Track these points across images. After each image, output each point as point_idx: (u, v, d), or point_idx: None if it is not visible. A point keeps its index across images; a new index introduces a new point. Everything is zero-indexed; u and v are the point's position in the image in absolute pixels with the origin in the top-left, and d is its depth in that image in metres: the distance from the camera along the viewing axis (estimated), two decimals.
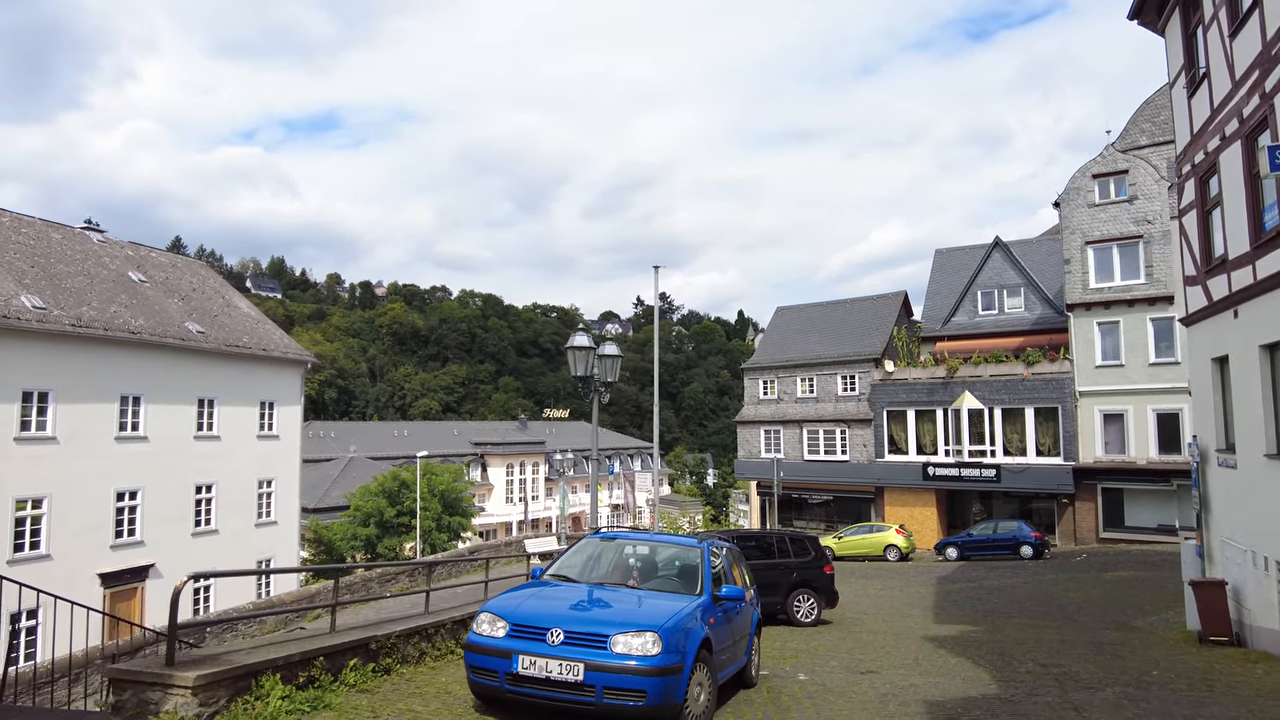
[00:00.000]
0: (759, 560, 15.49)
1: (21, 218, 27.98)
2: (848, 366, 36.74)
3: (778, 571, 15.30)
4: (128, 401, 25.86)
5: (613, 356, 12.76)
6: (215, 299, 32.38)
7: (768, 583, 15.09)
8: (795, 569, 15.40)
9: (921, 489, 34.04)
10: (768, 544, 16.00)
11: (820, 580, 15.50)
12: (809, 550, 15.82)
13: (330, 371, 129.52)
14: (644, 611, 6.60)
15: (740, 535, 16.16)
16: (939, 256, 41.77)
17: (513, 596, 6.93)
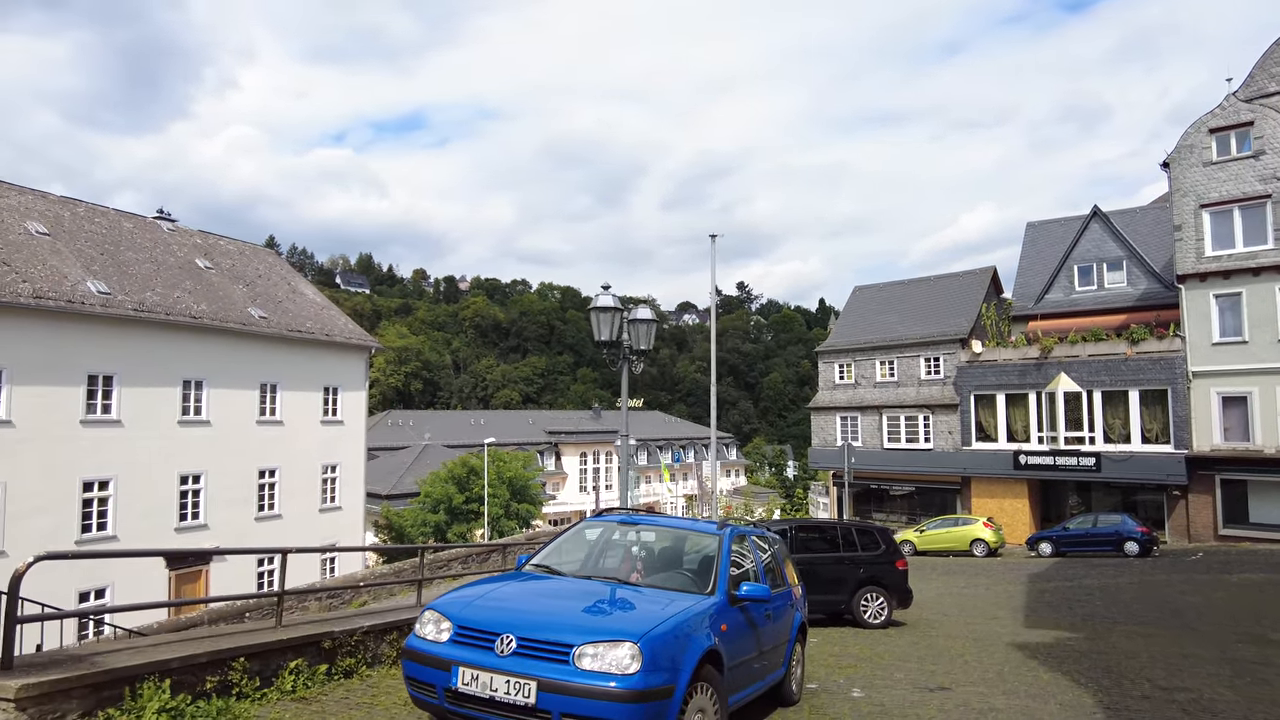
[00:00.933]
0: (822, 554, 13.77)
1: (95, 208, 28.39)
2: (931, 348, 34.13)
3: (843, 566, 13.54)
4: (190, 386, 25.84)
5: (646, 321, 11.23)
6: (281, 285, 32.33)
7: (832, 578, 13.38)
8: (863, 564, 13.60)
9: (1012, 479, 31.28)
10: (832, 536, 14.23)
11: (891, 577, 13.65)
12: (879, 543, 13.98)
13: (416, 364, 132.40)
14: (626, 614, 5.09)
15: (801, 526, 14.46)
16: (1031, 230, 38.57)
17: (468, 591, 5.51)
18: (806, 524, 15.01)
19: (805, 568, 13.37)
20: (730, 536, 6.58)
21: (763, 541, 7.91)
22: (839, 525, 14.45)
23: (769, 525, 14.95)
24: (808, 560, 13.50)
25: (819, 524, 15.74)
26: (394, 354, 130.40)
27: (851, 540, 13.92)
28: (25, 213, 25.13)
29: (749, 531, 7.53)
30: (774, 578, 7.39)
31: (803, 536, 13.85)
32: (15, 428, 21.28)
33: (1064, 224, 37.52)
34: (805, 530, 14.24)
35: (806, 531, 14.22)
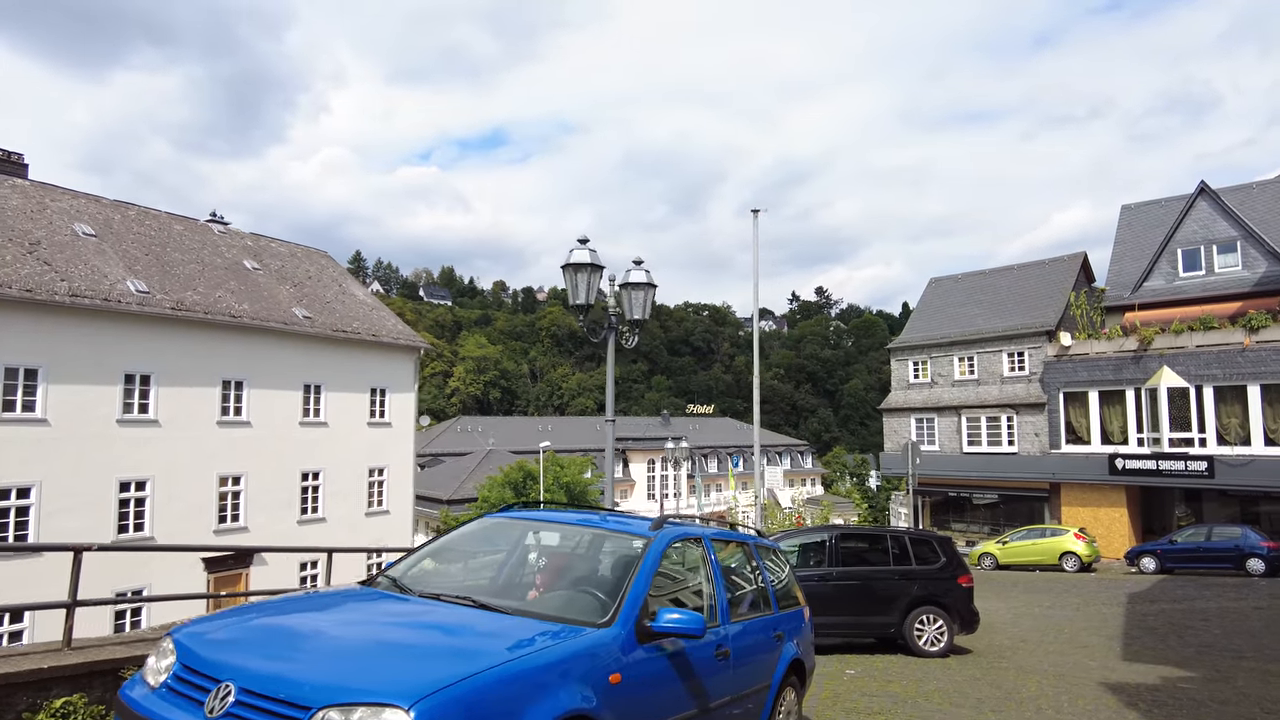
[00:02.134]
0: (869, 567, 11.55)
1: (148, 211, 28.31)
2: (1015, 341, 30.91)
3: (894, 582, 11.28)
4: (230, 386, 25.26)
5: (640, 286, 9.34)
6: (330, 286, 31.74)
7: (880, 596, 11.15)
8: (917, 579, 11.29)
9: (1108, 485, 27.82)
10: (882, 546, 11.96)
11: (953, 595, 11.30)
12: (938, 555, 11.63)
13: (494, 373, 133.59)
14: (425, 658, 3.18)
15: (844, 534, 12.22)
16: (1126, 213, 34.81)
17: (223, 617, 3.73)
18: (851, 531, 12.75)
19: (849, 583, 11.19)
20: (663, 542, 4.61)
21: (754, 551, 5.93)
22: (890, 534, 12.15)
23: (808, 532, 12.78)
24: (852, 575, 11.31)
25: (866, 532, 13.44)
26: (473, 363, 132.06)
27: (905, 552, 11.63)
28: (75, 215, 25.05)
29: (715, 535, 5.52)
30: (756, 600, 5.40)
31: (846, 547, 11.65)
32: (52, 427, 20.91)
33: (1164, 205, 33.69)
34: (849, 539, 12.01)
35: (851, 540, 11.99)
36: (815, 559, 11.57)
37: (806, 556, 11.65)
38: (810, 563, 11.55)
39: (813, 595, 11.31)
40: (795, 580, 6.69)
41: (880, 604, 11.11)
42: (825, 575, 11.15)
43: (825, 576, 11.14)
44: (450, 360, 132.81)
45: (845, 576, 11.19)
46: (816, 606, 11.26)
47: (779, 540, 11.91)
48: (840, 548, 11.48)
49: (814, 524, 27.17)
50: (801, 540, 11.97)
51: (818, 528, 13.10)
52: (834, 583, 11.10)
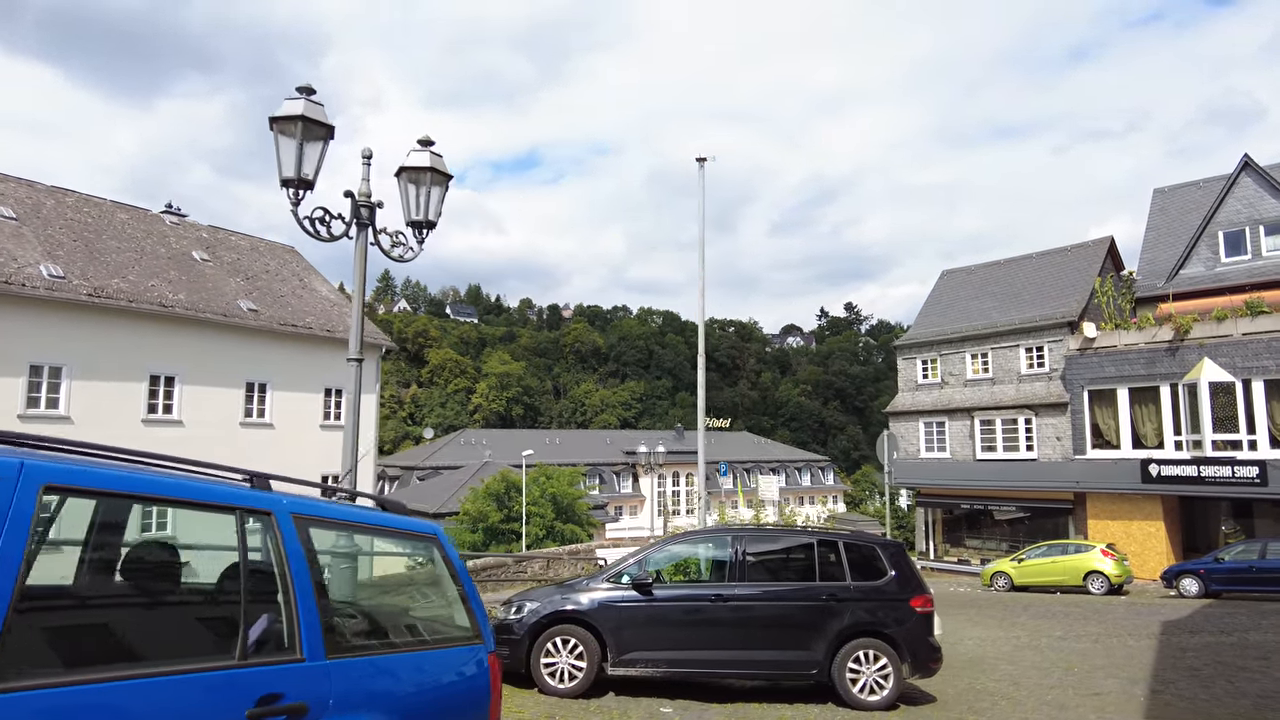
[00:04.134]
0: (783, 583, 8.42)
1: (89, 198, 26.25)
2: (1033, 335, 27.33)
3: (816, 605, 8.10)
4: (159, 381, 22.87)
5: (424, 173, 6.43)
6: (290, 281, 29.42)
7: (800, 625, 8.05)
8: (852, 601, 8.11)
9: (1140, 496, 24.06)
10: (802, 554, 8.73)
11: (902, 623, 8.09)
12: (883, 567, 8.41)
13: (517, 389, 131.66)
14: None
15: (752, 536, 8.98)
16: (1159, 198, 31.15)
17: None
18: (760, 533, 9.40)
19: (754, 606, 8.11)
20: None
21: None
22: (816, 538, 8.89)
23: (699, 536, 9.55)
24: (758, 594, 8.20)
25: (782, 534, 9.94)
26: (496, 380, 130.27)
27: (836, 562, 8.43)
28: None
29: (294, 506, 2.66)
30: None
31: (753, 555, 8.48)
32: None
33: (1201, 187, 30.00)
34: (758, 543, 8.75)
35: (760, 545, 8.73)
36: (709, 571, 8.47)
37: (697, 567, 8.58)
38: (703, 576, 8.47)
39: (701, 623, 8.15)
40: (471, 596, 3.70)
41: (798, 635, 7.97)
42: (719, 595, 8.05)
43: (719, 596, 8.04)
44: (474, 377, 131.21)
45: (749, 596, 8.09)
46: (705, 638, 8.18)
47: (665, 545, 8.85)
48: (744, 556, 8.34)
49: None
50: (687, 546, 8.89)
51: (714, 529, 9.83)
52: (731, 605, 8.00)
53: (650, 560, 8.43)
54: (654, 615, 8.04)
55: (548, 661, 7.95)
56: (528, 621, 8.07)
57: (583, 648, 7.90)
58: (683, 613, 8.05)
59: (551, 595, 8.32)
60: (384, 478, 60.84)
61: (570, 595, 8.23)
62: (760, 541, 8.70)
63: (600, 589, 8.22)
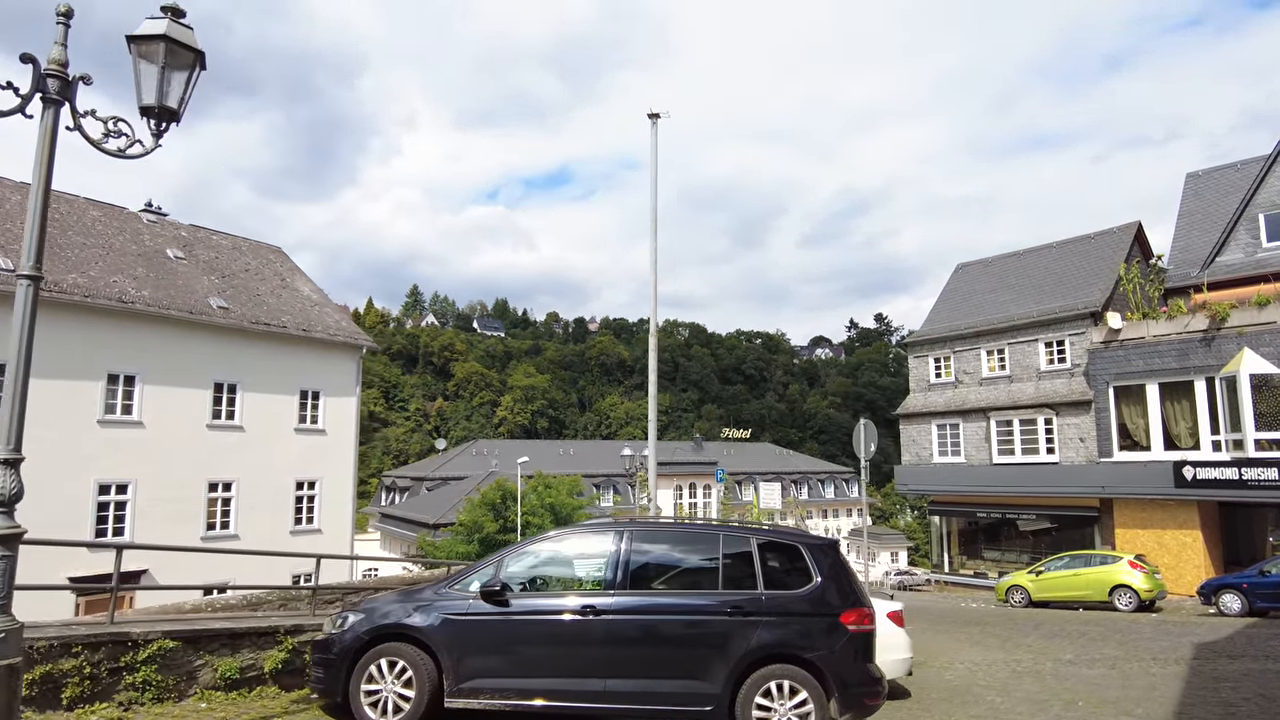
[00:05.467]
0: (675, 593, 6.54)
1: (61, 194, 25.34)
2: (1053, 328, 24.99)
3: (715, 621, 6.20)
4: (118, 380, 21.71)
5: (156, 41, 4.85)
6: (270, 280, 28.22)
7: (693, 647, 6.22)
8: (762, 616, 6.22)
9: (1174, 502, 21.59)
10: (703, 556, 6.75)
11: (829, 645, 6.18)
12: (805, 571, 6.50)
13: (542, 402, 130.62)
14: None
15: (643, 533, 6.99)
16: (1192, 182, 28.68)
17: None
18: (653, 529, 7.35)
19: (637, 622, 6.30)
20: None
21: None
22: (722, 533, 6.98)
23: (579, 533, 7.43)
24: (642, 607, 6.39)
25: (678, 528, 7.64)
26: (521, 393, 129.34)
27: (744, 566, 6.54)
28: None
29: None
30: None
31: (642, 557, 6.63)
32: None
33: (1239, 169, 27.55)
34: (649, 542, 6.80)
35: (651, 545, 6.77)
36: (585, 577, 6.64)
37: (570, 574, 6.76)
38: (576, 583, 6.65)
39: (567, 643, 5.91)
40: None
41: (691, 660, 6.11)
42: (589, 607, 6.23)
43: (590, 609, 6.22)
44: (499, 390, 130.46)
45: (629, 609, 6.25)
46: (571, 663, 6.35)
47: (530, 543, 7.06)
48: (629, 559, 6.51)
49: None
50: (560, 544, 7.05)
51: (596, 522, 7.81)
52: (606, 620, 6.17)
53: (509, 562, 6.66)
54: (506, 632, 6.26)
55: (370, 689, 6.20)
56: (348, 638, 6.35)
57: (412, 673, 6.14)
58: (544, 630, 6.25)
59: (386, 604, 6.59)
60: (394, 489, 59.76)
61: (405, 605, 6.49)
62: (652, 539, 6.84)
63: (442, 597, 6.47)
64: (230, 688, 6.65)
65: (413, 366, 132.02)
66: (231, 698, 6.59)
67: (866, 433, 13.39)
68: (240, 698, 6.64)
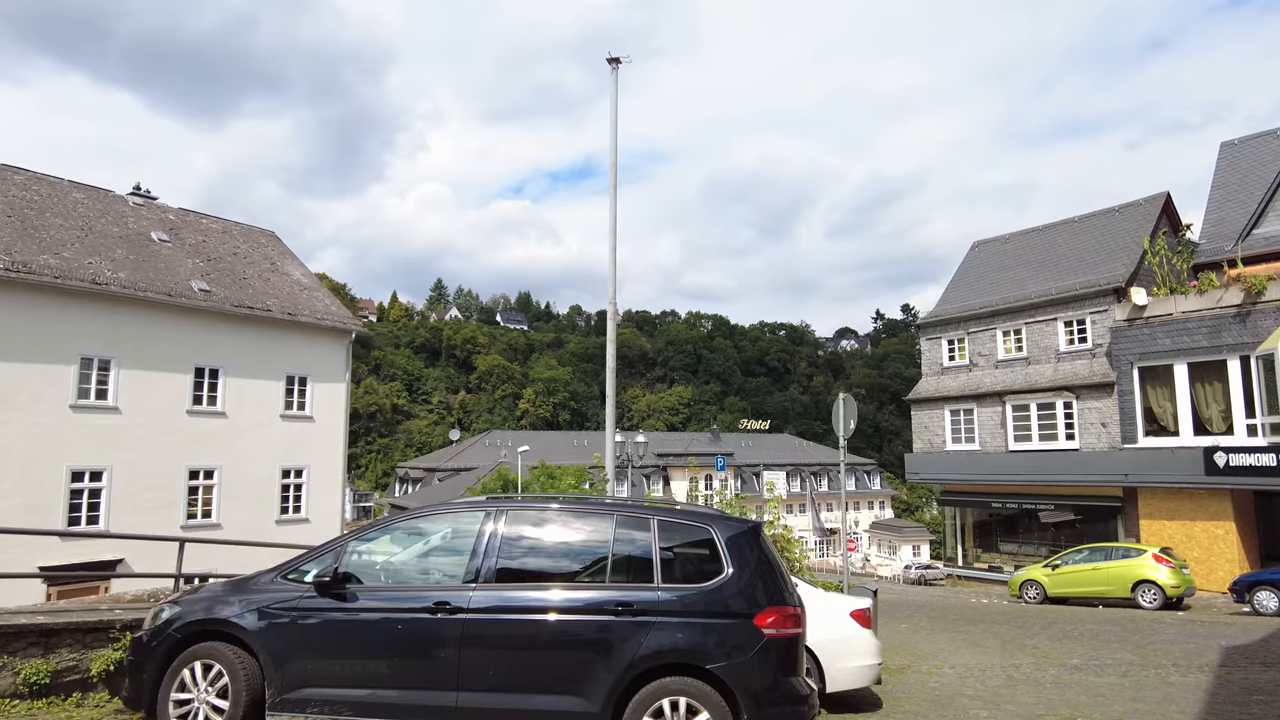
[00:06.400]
0: (549, 587, 5.26)
1: (43, 176, 24.74)
2: (1073, 306, 23.30)
3: (597, 624, 4.98)
4: (92, 364, 20.99)
5: None
6: (259, 264, 27.43)
7: (569, 655, 4.96)
8: (656, 617, 4.97)
9: (1205, 491, 19.88)
10: (589, 541, 5.43)
11: (740, 653, 4.91)
12: (715, 561, 5.23)
13: (564, 394, 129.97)
14: None
15: (517, 513, 5.68)
16: (1227, 151, 26.69)
17: None
18: (531, 509, 5.68)
19: (503, 623, 5.06)
20: None
21: None
22: (615, 513, 5.66)
23: (440, 512, 5.89)
24: (510, 604, 5.18)
25: (561, 508, 5.71)
26: (543, 385, 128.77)
27: (639, 554, 5.28)
28: None
29: None
30: None
31: (514, 541, 5.38)
32: None
33: (1278, 136, 25.56)
34: (523, 524, 5.49)
35: (527, 527, 5.47)
36: (445, 566, 5.45)
37: (427, 563, 5.57)
38: (436, 573, 5.45)
39: (417, 647, 4.52)
40: None
41: (568, 672, 4.89)
42: (445, 604, 5.03)
43: (445, 607, 5.02)
44: (521, 382, 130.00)
45: (493, 608, 5.04)
46: (422, 672, 5.02)
47: (384, 526, 5.87)
48: (499, 544, 5.30)
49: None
50: (415, 530, 5.84)
51: (465, 501, 6.43)
52: (464, 620, 4.97)
53: (355, 547, 5.49)
54: (344, 632, 5.10)
55: (180, 699, 5.08)
56: (159, 637, 5.23)
57: (228, 679, 5.01)
58: (387, 631, 5.06)
59: (207, 595, 5.47)
60: (408, 480, 59.22)
61: (229, 596, 5.36)
62: (530, 521, 5.61)
63: (272, 588, 5.33)
64: (37, 695, 5.57)
65: (436, 360, 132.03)
66: (32, 708, 5.51)
67: (846, 408, 12.06)
68: (43, 709, 5.56)
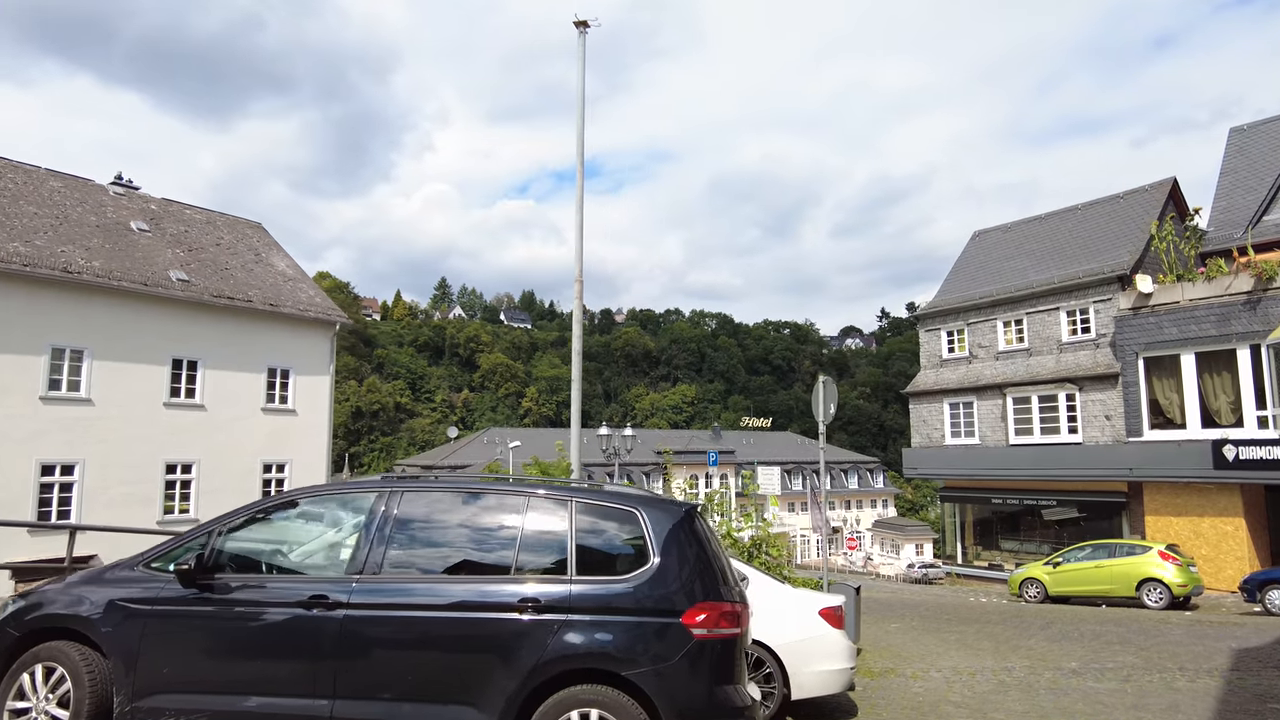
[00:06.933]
0: (438, 581, 4.51)
1: (19, 165, 24.19)
2: (1076, 295, 22.45)
3: (493, 624, 4.24)
4: (63, 355, 20.38)
5: None
6: (243, 255, 26.81)
7: (463, 658, 4.19)
8: (568, 615, 4.24)
9: (1213, 485, 19.02)
10: (485, 525, 4.71)
11: (664, 659, 4.16)
12: (638, 552, 4.47)
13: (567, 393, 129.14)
14: None
15: (412, 492, 4.91)
16: (1236, 137, 25.83)
17: None
18: (431, 489, 5.03)
19: (380, 623, 4.32)
20: None
21: None
22: (528, 494, 4.86)
23: (328, 492, 5.22)
24: (389, 603, 4.42)
25: (464, 487, 5.12)
26: (545, 383, 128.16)
27: (551, 542, 4.54)
28: None
29: None
30: None
31: (408, 530, 4.61)
32: None
33: None
34: (420, 505, 4.76)
35: (421, 511, 4.73)
36: (328, 554, 4.73)
37: (309, 551, 4.86)
38: (316, 561, 4.73)
39: (289, 648, 3.70)
40: None
41: (458, 678, 4.15)
42: (321, 598, 4.31)
43: (322, 601, 4.30)
44: (524, 381, 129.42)
45: (379, 603, 4.31)
46: (293, 677, 4.26)
47: (260, 508, 5.15)
48: (391, 530, 4.56)
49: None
50: (297, 513, 5.09)
51: (356, 481, 5.64)
52: (346, 617, 4.24)
53: (225, 532, 4.76)
54: (207, 630, 4.38)
55: (17, 708, 4.37)
56: None
57: (70, 684, 4.29)
58: (258, 627, 4.34)
59: (59, 588, 4.76)
60: (403, 477, 58.58)
61: (81, 589, 4.65)
62: (429, 505, 4.88)
63: (129, 579, 4.62)
64: None
65: (439, 358, 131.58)
66: None
67: (826, 391, 11.29)
68: None
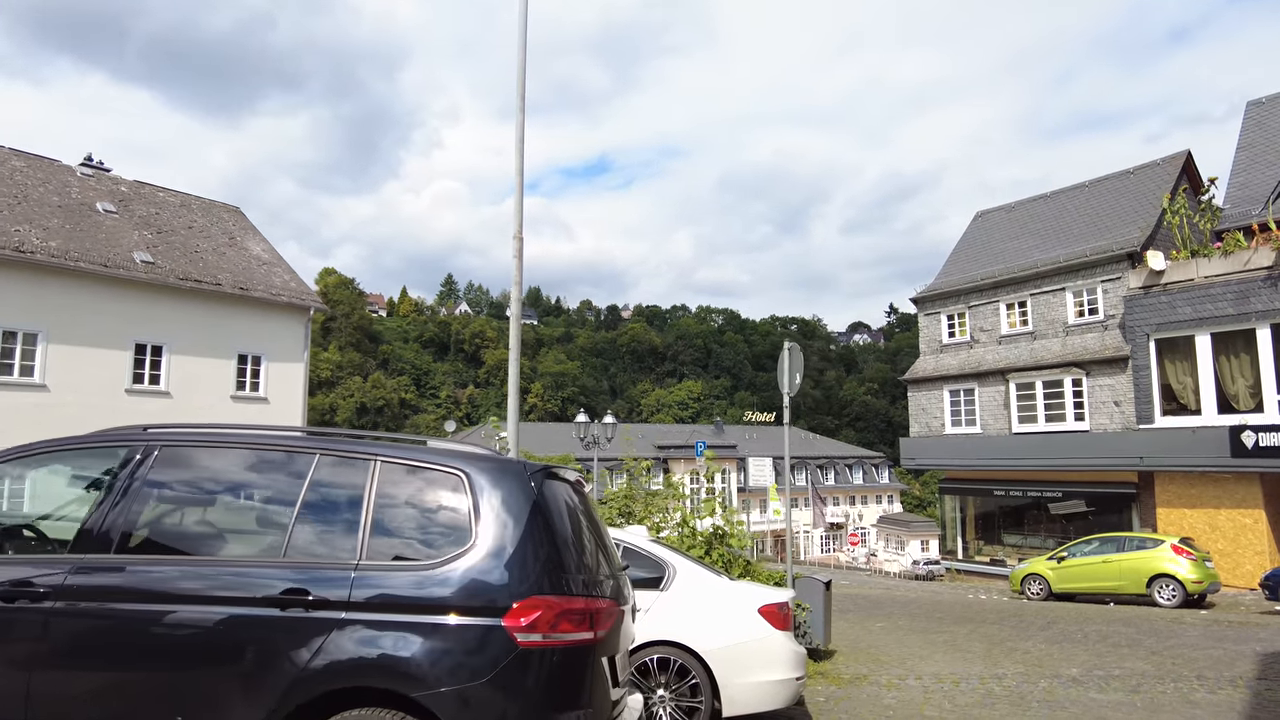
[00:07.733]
0: (186, 561, 3.34)
1: None
2: (1083, 274, 21.09)
3: (242, 625, 3.07)
4: (15, 338, 19.39)
5: None
6: (216, 239, 25.77)
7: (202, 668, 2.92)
8: (348, 613, 3.06)
9: (1231, 475, 17.65)
10: (261, 489, 3.58)
11: (469, 675, 2.98)
12: (456, 529, 3.27)
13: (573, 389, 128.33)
14: None
15: (176, 445, 3.68)
16: (1254, 111, 24.35)
17: None
18: (203, 444, 3.66)
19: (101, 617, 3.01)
20: None
21: None
22: (319, 449, 3.65)
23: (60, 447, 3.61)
24: (116, 590, 3.20)
25: (248, 447, 3.69)
26: (551, 379, 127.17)
27: (343, 516, 3.34)
28: None
29: None
30: None
31: (162, 492, 3.48)
32: None
33: None
34: (181, 466, 3.57)
35: (182, 472, 3.57)
36: (43, 531, 3.60)
37: (36, 523, 3.73)
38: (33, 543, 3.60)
39: None
40: None
41: (196, 695, 3.02)
42: (30, 587, 3.17)
43: (30, 590, 3.16)
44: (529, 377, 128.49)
45: (100, 592, 3.15)
46: None
47: None
48: (137, 497, 3.39)
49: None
50: (24, 474, 3.93)
51: (105, 434, 4.46)
52: (54, 610, 3.11)
53: None
54: None
55: None
56: None
57: None
58: None
59: None
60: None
61: None
62: (191, 463, 3.71)
63: None
64: None
65: (444, 354, 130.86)
66: None
67: (791, 359, 10.06)
68: None
